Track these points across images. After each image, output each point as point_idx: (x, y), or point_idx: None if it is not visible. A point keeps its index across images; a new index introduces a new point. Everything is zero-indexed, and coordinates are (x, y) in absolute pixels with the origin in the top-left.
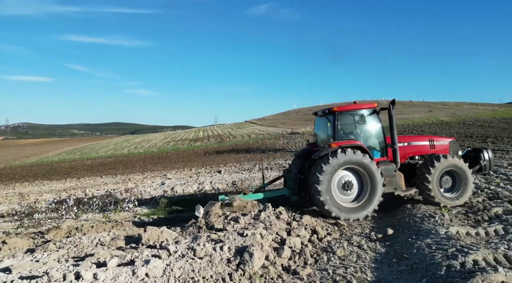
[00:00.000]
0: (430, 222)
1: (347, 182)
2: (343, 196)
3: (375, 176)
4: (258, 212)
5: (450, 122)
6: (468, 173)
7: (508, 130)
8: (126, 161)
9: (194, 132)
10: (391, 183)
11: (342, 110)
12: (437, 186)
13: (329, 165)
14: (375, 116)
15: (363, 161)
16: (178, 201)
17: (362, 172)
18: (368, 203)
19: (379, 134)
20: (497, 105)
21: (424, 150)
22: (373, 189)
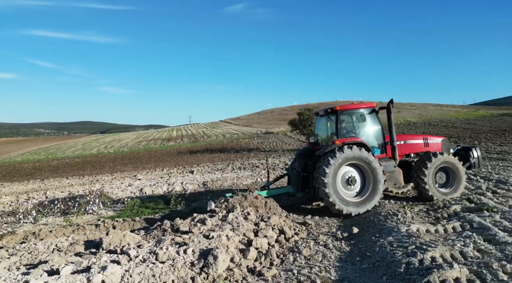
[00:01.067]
0: (393, 220)
1: (350, 177)
2: (346, 191)
3: (377, 172)
4: (226, 212)
5: (416, 122)
6: (461, 170)
7: (470, 131)
8: (95, 161)
9: (167, 132)
10: (391, 178)
11: (344, 110)
12: (432, 181)
13: (336, 159)
14: (374, 115)
15: (368, 158)
16: (146, 202)
17: (365, 168)
18: (370, 197)
19: (378, 133)
20: (460, 107)
21: (419, 148)
22: (375, 184)
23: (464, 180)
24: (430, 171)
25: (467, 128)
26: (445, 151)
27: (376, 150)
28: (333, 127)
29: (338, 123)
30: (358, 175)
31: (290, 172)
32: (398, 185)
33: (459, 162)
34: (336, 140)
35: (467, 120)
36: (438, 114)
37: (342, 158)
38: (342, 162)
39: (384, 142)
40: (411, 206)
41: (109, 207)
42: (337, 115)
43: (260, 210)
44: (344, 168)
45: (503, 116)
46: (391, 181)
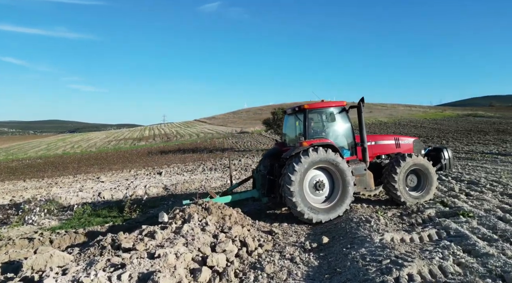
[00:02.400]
0: (365, 227)
1: (318, 181)
2: (314, 196)
3: (346, 175)
4: (181, 223)
5: (387, 122)
6: (433, 172)
7: (438, 131)
8: (58, 163)
9: (139, 131)
10: (361, 182)
11: (312, 108)
12: (403, 185)
13: (301, 164)
14: (345, 114)
15: (335, 160)
16: (99, 209)
17: (333, 171)
18: (340, 203)
19: (348, 133)
20: (427, 107)
21: (390, 149)
22: (344, 188)
23: (435, 182)
24: (400, 176)
25: (435, 128)
26: (416, 151)
27: (345, 152)
28: (301, 127)
29: (306, 122)
30: (327, 178)
31: (256, 174)
32: (369, 188)
33: (430, 163)
34: (303, 142)
35: (434, 120)
36: (408, 114)
37: (308, 162)
38: (308, 166)
39: (355, 143)
40: (384, 210)
41: (55, 215)
42: (305, 114)
43: (221, 219)
44: (312, 172)
45: (468, 117)
46: (362, 184)
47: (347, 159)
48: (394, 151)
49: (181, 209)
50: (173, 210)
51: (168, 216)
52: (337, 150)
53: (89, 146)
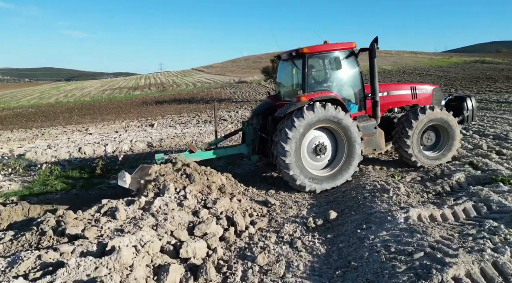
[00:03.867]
0: (383, 199)
1: (319, 144)
2: (313, 162)
3: (353, 136)
4: (154, 196)
5: (391, 70)
6: (456, 128)
7: (444, 78)
8: (50, 112)
9: (135, 80)
10: (370, 142)
11: (313, 52)
12: (417, 143)
13: (303, 120)
14: (353, 60)
15: (339, 118)
16: (72, 169)
17: (337, 131)
18: (343, 170)
19: (357, 83)
20: (433, 54)
21: (405, 101)
22: (350, 153)
23: (458, 140)
24: (414, 136)
25: (441, 76)
26: (435, 102)
27: (352, 106)
28: (299, 77)
29: (306, 71)
30: (329, 141)
31: (246, 128)
32: (379, 150)
33: (453, 118)
34: (302, 96)
35: (440, 67)
36: (413, 61)
37: (305, 124)
38: (305, 129)
39: (364, 95)
40: (400, 174)
41: (21, 176)
42: (304, 60)
43: (205, 188)
44: (311, 133)
45: (475, 63)
46: (370, 145)
47: (354, 115)
48: (409, 102)
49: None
50: (138, 168)
51: (132, 176)
52: (342, 105)
53: (83, 94)
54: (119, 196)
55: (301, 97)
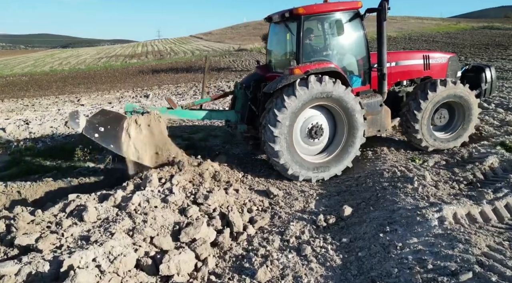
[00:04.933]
0: (407, 191)
1: (315, 126)
2: (307, 146)
3: (356, 118)
4: (133, 189)
5: (397, 37)
6: (474, 106)
7: (452, 45)
8: (43, 81)
9: (132, 48)
10: (374, 123)
11: (310, 13)
12: (427, 124)
13: (295, 99)
14: (358, 23)
15: (344, 97)
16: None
17: (338, 111)
18: (342, 155)
19: (361, 52)
20: (440, 20)
21: (415, 72)
22: (351, 134)
23: (475, 120)
24: (425, 116)
25: (448, 43)
26: (450, 74)
27: (355, 79)
28: (293, 44)
29: (301, 37)
30: (327, 121)
31: (237, 91)
32: (383, 130)
33: (472, 94)
34: (295, 68)
35: (447, 34)
36: (419, 28)
37: (305, 98)
38: (304, 104)
39: (369, 66)
40: (421, 156)
41: None
42: (299, 23)
43: (197, 176)
44: (307, 112)
45: (484, 29)
46: (375, 126)
47: (357, 90)
48: (421, 74)
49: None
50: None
51: (88, 120)
52: (343, 78)
53: (78, 62)
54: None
55: (295, 69)
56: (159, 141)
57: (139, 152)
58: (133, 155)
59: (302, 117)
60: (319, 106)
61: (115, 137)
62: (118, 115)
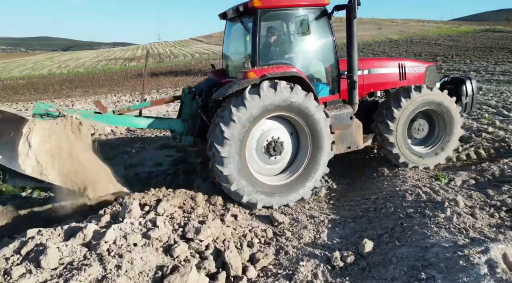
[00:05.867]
0: (438, 220)
1: (274, 141)
2: (265, 165)
3: (320, 128)
4: (110, 219)
5: (398, 40)
6: (456, 115)
7: (455, 48)
8: (40, 84)
9: (131, 51)
10: (344, 137)
11: (268, 8)
12: (403, 136)
13: (237, 121)
14: (325, 22)
15: (307, 106)
16: None
17: (300, 123)
18: (308, 173)
19: (329, 55)
20: (441, 23)
21: (390, 82)
22: (316, 150)
23: (459, 132)
24: (399, 126)
25: (451, 46)
26: (428, 84)
27: (323, 88)
28: (249, 44)
29: (258, 34)
30: (288, 135)
31: (185, 97)
32: (355, 147)
33: (452, 101)
34: (250, 71)
35: (449, 37)
36: (420, 30)
37: (257, 108)
38: (257, 114)
39: (338, 73)
40: (446, 173)
41: None
42: (255, 18)
43: (189, 200)
44: (263, 124)
45: (486, 32)
46: (344, 141)
47: (324, 100)
48: (396, 84)
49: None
50: None
51: None
52: (306, 85)
53: (77, 65)
54: None
55: (249, 73)
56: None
57: (43, 166)
58: (34, 169)
59: (257, 130)
60: (279, 117)
61: (7, 146)
62: (16, 117)
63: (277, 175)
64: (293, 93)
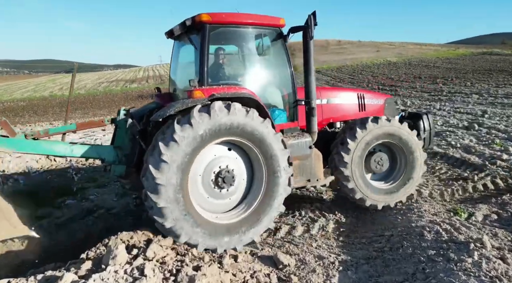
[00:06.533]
0: (466, 267)
1: (224, 170)
2: (213, 200)
3: (276, 157)
4: (92, 266)
5: (397, 62)
6: (417, 149)
7: (454, 70)
8: (41, 106)
9: (133, 73)
10: (303, 168)
11: (218, 23)
12: (360, 170)
13: (179, 143)
14: (281, 45)
15: (258, 130)
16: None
17: (253, 150)
18: (264, 209)
19: (286, 80)
20: (438, 46)
21: (350, 112)
22: (271, 182)
23: (421, 167)
24: (355, 159)
25: (450, 68)
26: (388, 116)
27: (279, 114)
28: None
29: (206, 50)
30: (242, 164)
31: (120, 120)
32: (315, 180)
33: (412, 133)
34: (195, 89)
35: (448, 59)
36: (418, 53)
37: (206, 130)
38: (205, 137)
39: (295, 98)
40: (464, 206)
41: None
42: (204, 34)
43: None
44: (212, 150)
45: (483, 55)
46: (304, 173)
47: (281, 127)
48: (356, 115)
49: None
50: None
51: None
52: (265, 111)
53: (78, 87)
54: None
55: (195, 91)
56: None
57: None
58: None
59: (204, 157)
60: (230, 143)
61: None
62: None
63: (225, 212)
64: (249, 117)
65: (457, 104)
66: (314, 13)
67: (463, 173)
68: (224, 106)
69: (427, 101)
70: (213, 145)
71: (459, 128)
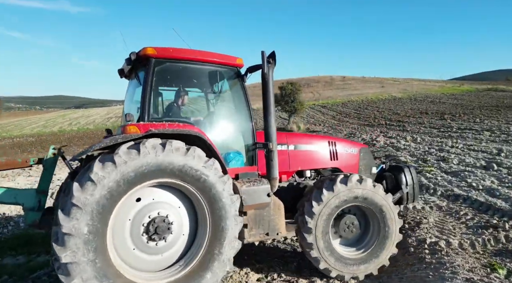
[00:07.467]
0: None
1: (156, 219)
2: (144, 254)
3: (222, 205)
4: None
5: (402, 98)
6: (391, 215)
7: (461, 107)
8: (49, 141)
9: None
10: (259, 220)
11: (163, 58)
12: (325, 237)
13: (98, 183)
14: (238, 84)
15: (202, 172)
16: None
17: (197, 197)
18: (206, 267)
19: (244, 121)
20: (443, 82)
21: (320, 161)
22: (216, 236)
23: (395, 236)
24: (320, 222)
25: (456, 104)
26: (364, 169)
27: (235, 156)
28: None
29: (149, 84)
30: (185, 213)
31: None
32: (274, 234)
33: (388, 198)
34: (129, 125)
35: (453, 95)
36: (423, 89)
37: (130, 170)
38: (131, 178)
39: (254, 143)
40: (500, 259)
41: None
42: (148, 68)
43: None
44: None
45: (488, 91)
46: (260, 226)
47: (238, 171)
48: (327, 165)
49: None
50: None
51: None
52: (212, 150)
53: (87, 122)
54: None
55: (128, 126)
56: None
57: None
58: None
59: (132, 202)
60: (169, 188)
61: None
62: None
63: (159, 271)
64: (188, 156)
65: (469, 141)
66: (273, 55)
67: (491, 219)
68: (160, 143)
69: (437, 137)
70: (147, 187)
71: (477, 168)
